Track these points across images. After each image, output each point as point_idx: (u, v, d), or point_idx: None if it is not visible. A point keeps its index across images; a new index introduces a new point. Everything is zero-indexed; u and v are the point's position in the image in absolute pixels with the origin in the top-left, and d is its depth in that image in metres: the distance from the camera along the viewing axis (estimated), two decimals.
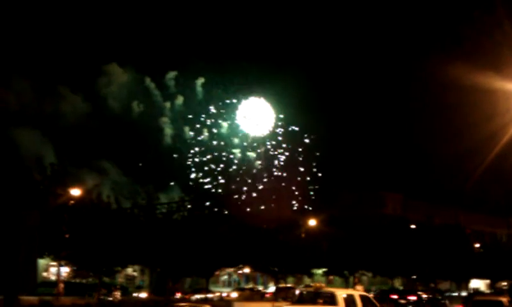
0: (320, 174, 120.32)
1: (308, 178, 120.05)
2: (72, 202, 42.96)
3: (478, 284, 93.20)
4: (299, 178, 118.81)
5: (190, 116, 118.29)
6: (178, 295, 58.79)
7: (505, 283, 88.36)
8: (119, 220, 47.30)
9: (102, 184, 55.07)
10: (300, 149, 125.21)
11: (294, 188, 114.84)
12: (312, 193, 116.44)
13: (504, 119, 31.07)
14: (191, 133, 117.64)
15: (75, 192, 42.78)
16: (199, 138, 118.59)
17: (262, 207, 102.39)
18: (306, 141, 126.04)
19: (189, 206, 59.38)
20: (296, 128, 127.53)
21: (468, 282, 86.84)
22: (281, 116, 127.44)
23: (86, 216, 44.20)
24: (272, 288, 71.43)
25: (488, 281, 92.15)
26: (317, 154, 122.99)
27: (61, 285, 52.58)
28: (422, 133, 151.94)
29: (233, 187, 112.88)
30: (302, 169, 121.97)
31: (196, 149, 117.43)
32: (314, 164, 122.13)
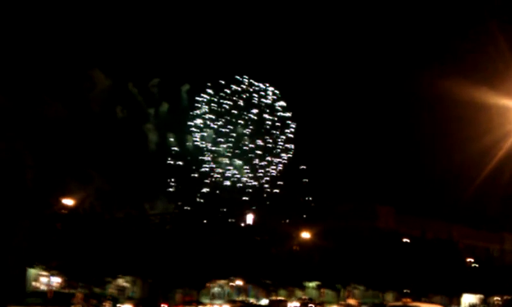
0: (309, 199, 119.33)
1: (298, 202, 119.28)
2: (64, 211, 42.58)
3: (470, 299, 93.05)
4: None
5: (175, 124, 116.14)
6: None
7: (497, 298, 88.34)
8: (110, 230, 46.93)
9: (87, 192, 53.93)
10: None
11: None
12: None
13: (498, 134, 31.11)
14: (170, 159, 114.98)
15: (68, 202, 42.37)
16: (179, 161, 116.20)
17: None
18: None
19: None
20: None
21: (460, 296, 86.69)
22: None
23: (78, 226, 43.82)
24: (264, 301, 70.90)
25: (480, 296, 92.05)
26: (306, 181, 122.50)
27: (79, 295, 51.66)
28: (417, 147, 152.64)
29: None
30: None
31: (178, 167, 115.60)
32: (303, 189, 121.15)
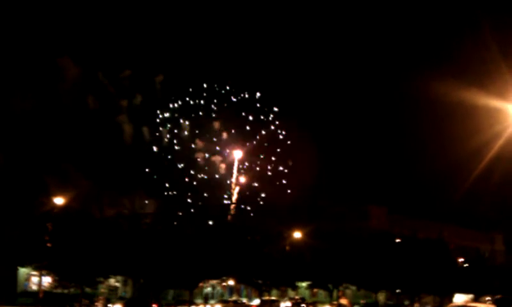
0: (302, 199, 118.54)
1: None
2: (55, 211, 42.44)
3: (461, 298, 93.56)
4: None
5: (148, 115, 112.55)
6: None
7: (488, 298, 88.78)
8: (101, 229, 46.84)
9: (68, 190, 52.45)
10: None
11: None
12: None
13: (488, 135, 31.39)
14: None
15: (58, 200, 42.18)
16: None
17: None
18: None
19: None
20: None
21: (451, 296, 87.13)
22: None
23: (69, 225, 43.70)
24: (256, 301, 70.96)
25: (471, 296, 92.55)
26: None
27: (102, 298, 51.06)
28: (408, 147, 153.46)
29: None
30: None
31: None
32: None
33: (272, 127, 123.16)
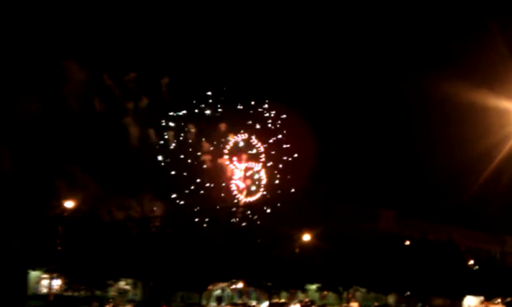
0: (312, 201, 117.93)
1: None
2: (65, 214, 42.67)
3: (472, 301, 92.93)
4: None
5: (155, 118, 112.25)
6: None
7: (498, 301, 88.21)
8: (111, 232, 47.04)
9: (77, 193, 52.15)
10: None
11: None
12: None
13: (498, 136, 31.24)
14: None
15: (68, 204, 42.45)
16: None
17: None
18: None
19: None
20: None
21: (462, 299, 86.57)
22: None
23: (79, 228, 43.94)
24: (265, 304, 70.88)
25: (481, 298, 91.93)
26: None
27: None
28: (418, 149, 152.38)
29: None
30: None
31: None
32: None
33: (280, 136, 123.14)
